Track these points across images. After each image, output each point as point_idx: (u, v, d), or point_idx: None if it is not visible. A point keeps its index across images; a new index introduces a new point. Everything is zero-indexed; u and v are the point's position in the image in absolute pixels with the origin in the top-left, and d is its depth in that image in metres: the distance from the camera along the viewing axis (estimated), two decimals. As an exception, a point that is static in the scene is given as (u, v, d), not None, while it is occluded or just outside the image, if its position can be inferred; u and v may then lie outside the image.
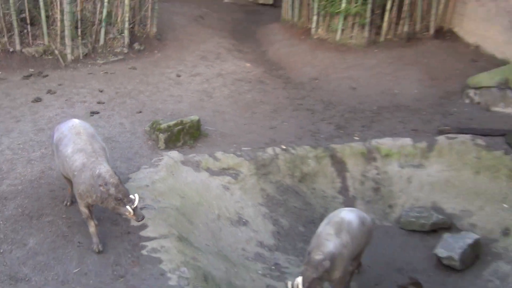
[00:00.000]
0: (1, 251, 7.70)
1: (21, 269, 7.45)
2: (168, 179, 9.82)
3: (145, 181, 9.50)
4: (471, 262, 9.53)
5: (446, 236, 9.80)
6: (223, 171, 10.47)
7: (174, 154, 10.50)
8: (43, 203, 8.79)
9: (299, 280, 6.93)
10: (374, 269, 9.41)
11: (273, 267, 9.06)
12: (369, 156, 11.43)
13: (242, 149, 11.01)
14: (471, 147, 11.32)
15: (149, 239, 8.28)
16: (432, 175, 11.16)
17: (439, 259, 9.55)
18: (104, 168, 7.50)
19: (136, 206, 7.46)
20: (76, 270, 7.56)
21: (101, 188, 7.38)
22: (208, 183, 10.13)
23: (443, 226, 10.36)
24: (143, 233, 8.40)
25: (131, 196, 7.42)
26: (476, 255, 9.64)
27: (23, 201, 8.77)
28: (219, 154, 10.73)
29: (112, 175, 7.42)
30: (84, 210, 7.88)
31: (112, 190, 7.33)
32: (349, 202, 10.80)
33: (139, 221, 7.63)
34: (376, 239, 10.10)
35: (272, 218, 10.12)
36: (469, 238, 9.66)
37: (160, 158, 10.34)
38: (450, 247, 9.50)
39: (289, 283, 7.05)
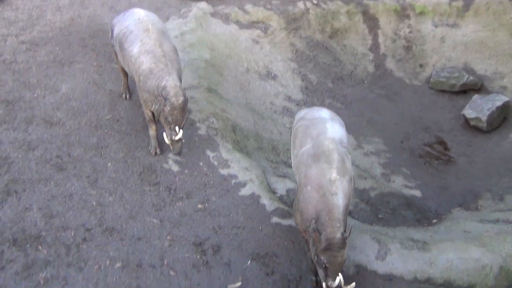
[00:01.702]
0: (35, 95, 7.84)
1: (55, 113, 7.62)
2: (197, 31, 9.71)
3: (175, 31, 9.40)
4: (498, 124, 9.54)
5: (476, 97, 9.74)
6: (252, 24, 10.28)
7: (203, 5, 10.28)
8: (74, 50, 8.80)
9: (341, 278, 5.13)
10: (401, 127, 9.49)
11: (300, 121, 9.16)
12: (402, 14, 11.09)
13: (272, 2, 10.72)
14: (509, 7, 10.87)
15: (179, 89, 8.34)
16: (466, 35, 10.87)
17: (466, 120, 9.57)
18: (171, 82, 6.55)
19: (179, 140, 6.63)
20: (109, 117, 7.72)
21: (160, 98, 6.52)
22: (237, 36, 10.01)
23: (473, 88, 10.26)
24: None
25: (177, 128, 6.53)
26: (504, 117, 9.62)
27: (54, 48, 8.79)
28: (248, 7, 10.47)
29: (177, 94, 6.47)
30: (147, 112, 7.14)
31: (167, 109, 6.46)
32: (379, 60, 10.67)
33: (174, 153, 6.83)
34: (405, 98, 10.12)
35: (301, 73, 10.08)
36: (499, 100, 9.59)
37: (189, 9, 10.14)
38: (479, 108, 9.47)
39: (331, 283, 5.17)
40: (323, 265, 5.08)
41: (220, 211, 6.59)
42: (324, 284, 5.15)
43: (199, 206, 6.62)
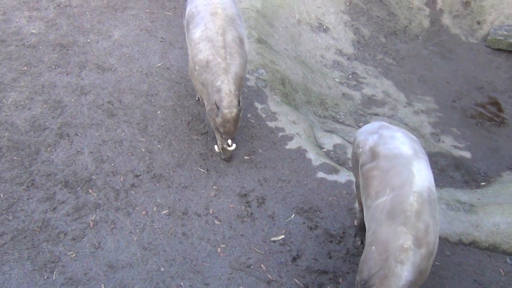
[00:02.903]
0: (89, 40, 7.93)
1: (108, 59, 7.71)
2: (250, -21, 9.59)
3: (227, -20, 9.29)
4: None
5: (534, 57, 9.42)
6: (306, -26, 10.09)
7: (257, -47, 10.12)
8: (127, -4, 8.84)
9: None
10: (454, 86, 9.27)
11: (350, 76, 9.05)
12: (462, -33, 10.70)
13: (328, -49, 10.48)
14: None
15: (230, 39, 8.29)
16: (529, -8, 10.43)
17: (522, 81, 9.29)
18: (226, 86, 5.97)
19: (230, 151, 6.41)
20: (160, 64, 7.76)
21: (213, 107, 6.06)
22: (290, -14, 9.85)
23: (532, 47, 9.91)
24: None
25: (230, 141, 6.24)
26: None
27: (107, -7, 8.85)
28: (303, -44, 10.26)
29: (230, 105, 5.98)
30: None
31: (218, 120, 6.06)
32: (435, 15, 10.35)
33: (223, 158, 6.56)
34: (459, 55, 9.84)
35: (353, 26, 9.89)
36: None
37: (243, -44, 10.00)
38: (537, 69, 9.18)
39: None
40: None
41: (266, 163, 6.63)
42: None
43: (246, 157, 6.67)
